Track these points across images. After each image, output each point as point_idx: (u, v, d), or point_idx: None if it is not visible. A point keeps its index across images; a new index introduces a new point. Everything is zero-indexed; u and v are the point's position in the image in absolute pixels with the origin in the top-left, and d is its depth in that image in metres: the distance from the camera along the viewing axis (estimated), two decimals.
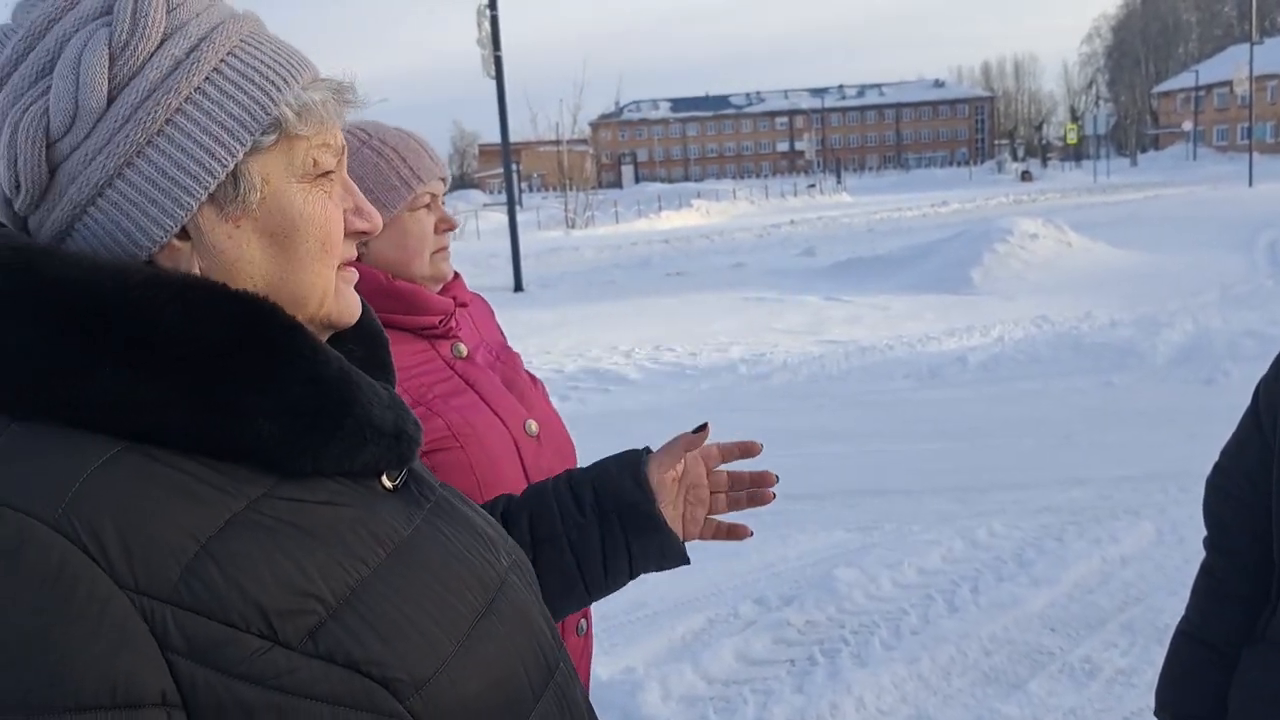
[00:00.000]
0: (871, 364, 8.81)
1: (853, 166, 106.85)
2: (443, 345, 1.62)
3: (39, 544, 0.67)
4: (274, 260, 0.83)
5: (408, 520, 0.87)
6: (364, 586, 0.79)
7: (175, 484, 0.74)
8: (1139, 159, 72.92)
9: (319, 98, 0.84)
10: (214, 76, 0.80)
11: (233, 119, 0.79)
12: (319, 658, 0.74)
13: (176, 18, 0.80)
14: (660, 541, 1.22)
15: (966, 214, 28.83)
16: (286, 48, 0.85)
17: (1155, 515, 4.91)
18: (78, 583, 0.67)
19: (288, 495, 0.79)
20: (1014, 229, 14.57)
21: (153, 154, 0.78)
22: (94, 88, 0.76)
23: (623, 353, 9.90)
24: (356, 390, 0.83)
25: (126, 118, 0.77)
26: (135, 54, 0.77)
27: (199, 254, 0.81)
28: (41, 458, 0.71)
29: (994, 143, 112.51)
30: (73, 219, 0.79)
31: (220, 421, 0.76)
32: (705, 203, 42.70)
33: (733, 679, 3.61)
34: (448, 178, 1.67)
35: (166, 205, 0.78)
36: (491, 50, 18.06)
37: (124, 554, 0.69)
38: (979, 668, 3.62)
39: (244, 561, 0.73)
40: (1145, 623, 3.86)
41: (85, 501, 0.69)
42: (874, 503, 5.38)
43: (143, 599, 0.69)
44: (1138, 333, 9.01)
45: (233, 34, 0.82)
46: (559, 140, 36.25)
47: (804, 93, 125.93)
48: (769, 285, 14.89)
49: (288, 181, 0.83)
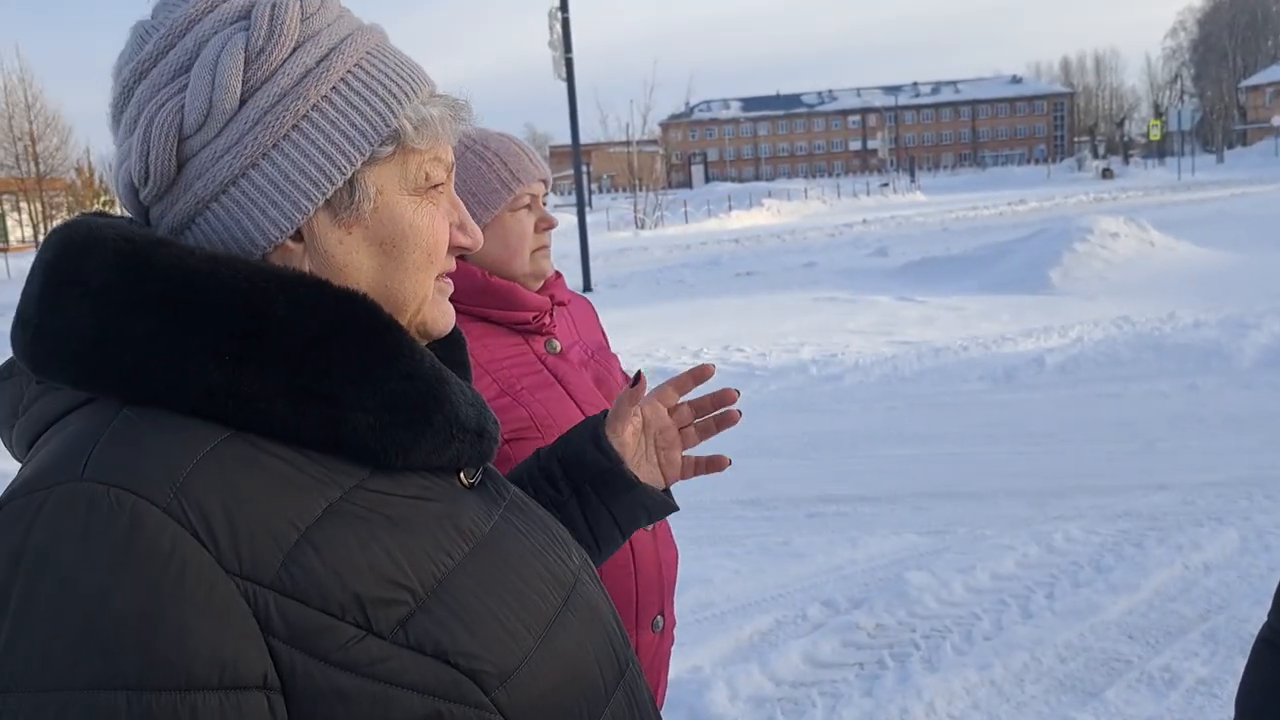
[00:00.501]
0: (945, 365, 8.68)
1: (927, 165, 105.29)
2: (536, 341, 1.69)
3: (152, 526, 0.69)
4: (380, 267, 0.86)
5: (487, 516, 0.89)
6: (450, 579, 0.80)
7: (277, 472, 0.76)
8: (1225, 155, 70.68)
9: (436, 114, 0.87)
10: (340, 86, 0.83)
11: (354, 129, 0.82)
12: (409, 648, 0.76)
13: (310, 26, 0.83)
14: (639, 498, 1.21)
15: (1045, 213, 28.26)
16: (409, 62, 0.88)
17: (1240, 522, 4.76)
18: (188, 565, 0.69)
19: (379, 488, 0.81)
20: (1094, 228, 14.23)
21: (277, 157, 0.81)
22: (228, 89, 0.79)
23: (691, 353, 9.90)
24: (447, 388, 0.86)
25: (256, 120, 0.80)
26: (270, 59, 0.80)
27: (310, 256, 0.83)
28: (153, 442, 0.73)
29: (1073, 140, 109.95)
30: (195, 213, 0.82)
31: (320, 413, 0.78)
32: (776, 202, 42.48)
33: (800, 681, 3.59)
34: (548, 179, 1.72)
35: (285, 207, 0.81)
36: (563, 53, 18.19)
37: (231, 539, 0.71)
38: (1053, 675, 3.55)
39: (341, 550, 0.75)
40: (1228, 632, 3.75)
41: (195, 486, 0.71)
42: (946, 506, 5.30)
43: (247, 584, 0.71)
44: (1223, 334, 8.73)
45: (360, 46, 0.85)
46: (629, 141, 36.40)
47: (877, 90, 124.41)
48: (840, 285, 14.76)
49: (400, 193, 0.86)
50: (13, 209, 42.43)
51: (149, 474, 0.71)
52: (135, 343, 0.75)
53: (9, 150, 36.96)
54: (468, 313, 1.61)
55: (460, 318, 1.57)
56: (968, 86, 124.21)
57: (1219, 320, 9.34)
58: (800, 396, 8.07)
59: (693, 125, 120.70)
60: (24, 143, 36.83)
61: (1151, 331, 9.23)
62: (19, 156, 36.89)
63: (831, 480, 5.80)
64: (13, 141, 36.83)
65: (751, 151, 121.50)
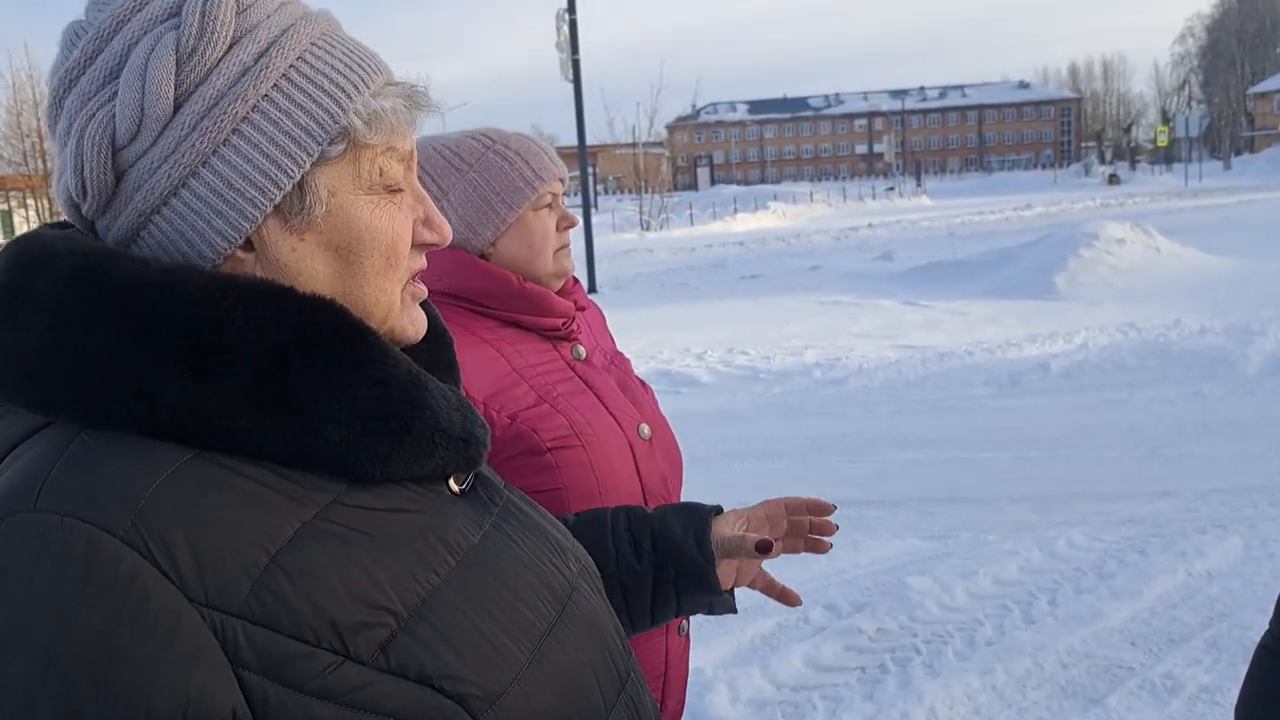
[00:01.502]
0: (950, 370, 8.67)
1: (933, 169, 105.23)
2: (564, 347, 1.67)
3: (108, 557, 0.65)
4: (338, 274, 0.81)
5: (477, 526, 0.85)
6: (435, 596, 0.77)
7: (245, 492, 0.72)
8: (1233, 162, 70.54)
9: (389, 105, 0.81)
10: (282, 83, 0.77)
11: (300, 128, 0.77)
12: (391, 672, 0.72)
13: (246, 20, 0.77)
14: (711, 599, 1.23)
15: (1051, 218, 28.21)
16: (359, 50, 0.82)
17: (1244, 530, 4.75)
18: (148, 597, 0.65)
19: (357, 503, 0.77)
20: (1100, 233, 14.20)
21: (218, 164, 0.76)
22: (160, 94, 0.74)
23: (695, 355, 9.89)
24: (425, 393, 0.81)
25: (193, 126, 0.75)
26: (202, 59, 0.75)
27: (262, 266, 0.79)
28: (109, 467, 0.69)
29: (1080, 145, 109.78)
30: (138, 227, 0.77)
31: (288, 426, 0.74)
32: (781, 205, 42.48)
33: (802, 684, 3.59)
34: (566, 178, 1.71)
35: (231, 216, 0.76)
36: (570, 54, 18.20)
37: (194, 567, 0.67)
38: (1055, 681, 3.54)
39: (315, 573, 0.71)
40: (1231, 640, 3.74)
41: (154, 513, 0.68)
42: (949, 511, 5.29)
43: (213, 613, 0.67)
44: (1229, 341, 8.71)
45: (304, 37, 0.79)
46: (635, 143, 36.38)
47: (884, 94, 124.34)
48: (845, 289, 14.75)
49: (354, 193, 0.81)
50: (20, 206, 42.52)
51: (105, 501, 0.67)
52: (92, 361, 0.71)
53: (17, 148, 37.06)
54: (499, 318, 1.60)
55: (492, 323, 1.60)
56: (975, 91, 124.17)
57: (1225, 327, 9.32)
58: (804, 400, 8.07)
59: (699, 127, 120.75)
60: (31, 140, 36.91)
61: (1157, 338, 9.21)
62: (26, 154, 36.97)
63: (835, 484, 5.79)
64: (21, 139, 36.92)
65: (757, 154, 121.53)
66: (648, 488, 1.62)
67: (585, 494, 1.53)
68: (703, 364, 9.45)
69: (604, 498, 1.54)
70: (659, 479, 1.64)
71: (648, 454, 1.64)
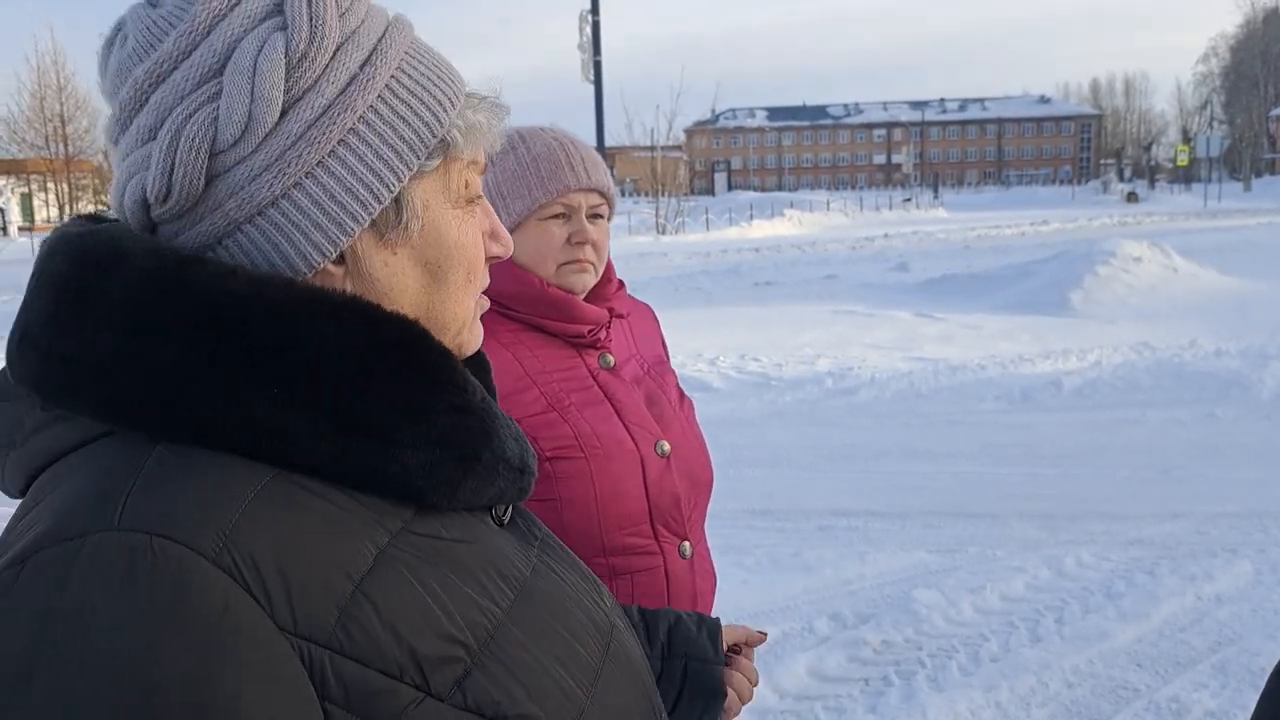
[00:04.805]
0: (962, 383, 8.64)
1: (951, 182, 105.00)
2: (590, 355, 1.62)
3: (201, 581, 0.61)
4: (425, 289, 0.78)
5: (524, 558, 0.82)
6: (500, 631, 0.73)
7: (325, 516, 0.68)
8: (1253, 184, 70.13)
9: (483, 119, 0.79)
10: (385, 94, 0.74)
11: (403, 142, 0.74)
12: (468, 710, 0.69)
13: (347, 24, 0.74)
14: (709, 707, 1.24)
15: (1068, 234, 28.10)
16: (444, 61, 0.80)
17: (1254, 554, 4.72)
18: (240, 625, 0.62)
19: (425, 530, 0.74)
20: (1117, 251, 14.14)
21: (322, 175, 0.72)
22: (269, 99, 0.70)
23: (707, 360, 9.88)
24: (495, 421, 0.79)
25: (299, 135, 0.71)
26: (313, 65, 0.72)
27: (352, 280, 0.76)
28: (195, 485, 0.65)
29: (1100, 162, 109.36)
30: (222, 234, 0.72)
31: (369, 450, 0.70)
32: (798, 213, 42.40)
33: (805, 694, 3.58)
34: (602, 188, 1.62)
35: (330, 230, 0.73)
36: (591, 55, 18.22)
37: (284, 593, 0.63)
38: (1060, 700, 3.52)
39: (395, 603, 0.68)
40: (1239, 665, 3.71)
41: (245, 535, 0.64)
42: (958, 525, 5.27)
43: (302, 643, 0.64)
44: (1244, 364, 8.66)
45: (400, 45, 0.76)
46: (653, 146, 36.38)
47: (904, 105, 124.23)
48: (860, 299, 14.71)
49: (444, 207, 0.79)
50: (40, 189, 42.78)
51: (194, 522, 0.63)
52: (166, 372, 0.67)
53: (39, 131, 37.33)
54: (524, 321, 1.57)
55: (515, 326, 1.58)
56: (995, 104, 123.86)
57: (1240, 350, 9.27)
58: (815, 409, 8.05)
59: (717, 133, 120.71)
60: (54, 124, 37.16)
61: (1172, 358, 9.16)
62: (49, 137, 37.23)
63: (843, 494, 5.78)
64: (43, 122, 37.18)
65: (775, 161, 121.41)
66: (655, 507, 1.58)
67: (582, 507, 1.50)
68: (715, 369, 9.44)
69: (602, 513, 1.52)
70: (670, 499, 1.60)
71: (662, 472, 1.59)
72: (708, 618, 1.29)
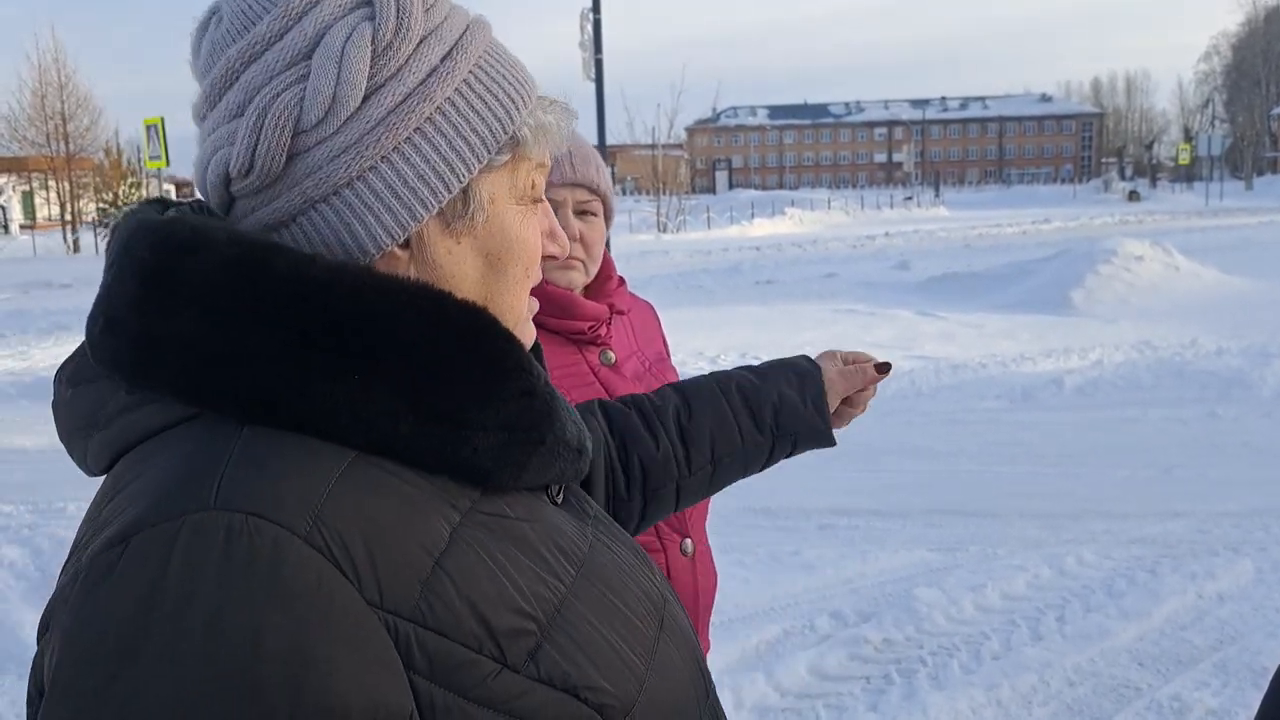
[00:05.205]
0: (963, 382, 8.64)
1: (952, 180, 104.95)
2: (591, 352, 1.62)
3: (296, 559, 0.64)
4: (484, 280, 0.81)
5: (582, 535, 0.85)
6: (565, 606, 0.76)
7: (403, 496, 0.71)
8: (1254, 183, 70.06)
9: (553, 120, 0.83)
10: (463, 87, 0.78)
11: (475, 135, 0.78)
12: (541, 681, 0.72)
13: (432, 19, 0.78)
14: (820, 445, 1.33)
15: (1069, 233, 28.09)
16: (518, 61, 0.83)
17: (1256, 553, 4.72)
18: (333, 599, 0.65)
19: (491, 510, 0.77)
20: (1119, 250, 14.13)
21: (397, 160, 0.75)
22: (354, 83, 0.74)
23: (709, 358, 9.88)
24: (558, 404, 0.82)
25: (380, 120, 0.75)
26: (397, 54, 0.75)
27: (416, 265, 0.78)
28: (284, 466, 0.68)
29: (1101, 161, 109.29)
30: (297, 212, 0.76)
31: (443, 434, 0.73)
32: (799, 211, 42.39)
33: (805, 692, 3.58)
34: (591, 184, 1.62)
35: (401, 214, 0.76)
36: (592, 53, 18.21)
37: (370, 569, 0.67)
38: (1061, 698, 3.52)
39: (471, 579, 0.71)
40: (1240, 664, 3.71)
41: (333, 514, 0.67)
42: (959, 524, 5.27)
43: (388, 616, 0.67)
44: (1246, 362, 8.65)
45: (480, 42, 0.80)
46: (655, 144, 36.36)
47: (904, 103, 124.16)
48: (860, 297, 14.71)
49: (508, 202, 0.82)
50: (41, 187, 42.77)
51: (286, 501, 0.66)
52: (252, 357, 0.70)
53: (40, 129, 37.28)
54: None
55: None
56: (996, 103, 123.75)
57: (1242, 348, 9.26)
58: None
59: (718, 131, 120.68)
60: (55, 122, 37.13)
61: (1173, 357, 9.16)
62: (50, 135, 37.19)
63: (845, 493, 5.78)
64: (44, 120, 37.14)
65: (776, 160, 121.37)
66: None
67: None
68: (716, 367, 9.42)
69: None
70: None
71: None
72: (808, 381, 1.31)
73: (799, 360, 1.34)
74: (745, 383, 1.30)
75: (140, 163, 30.90)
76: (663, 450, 1.22)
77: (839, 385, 1.33)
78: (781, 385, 1.29)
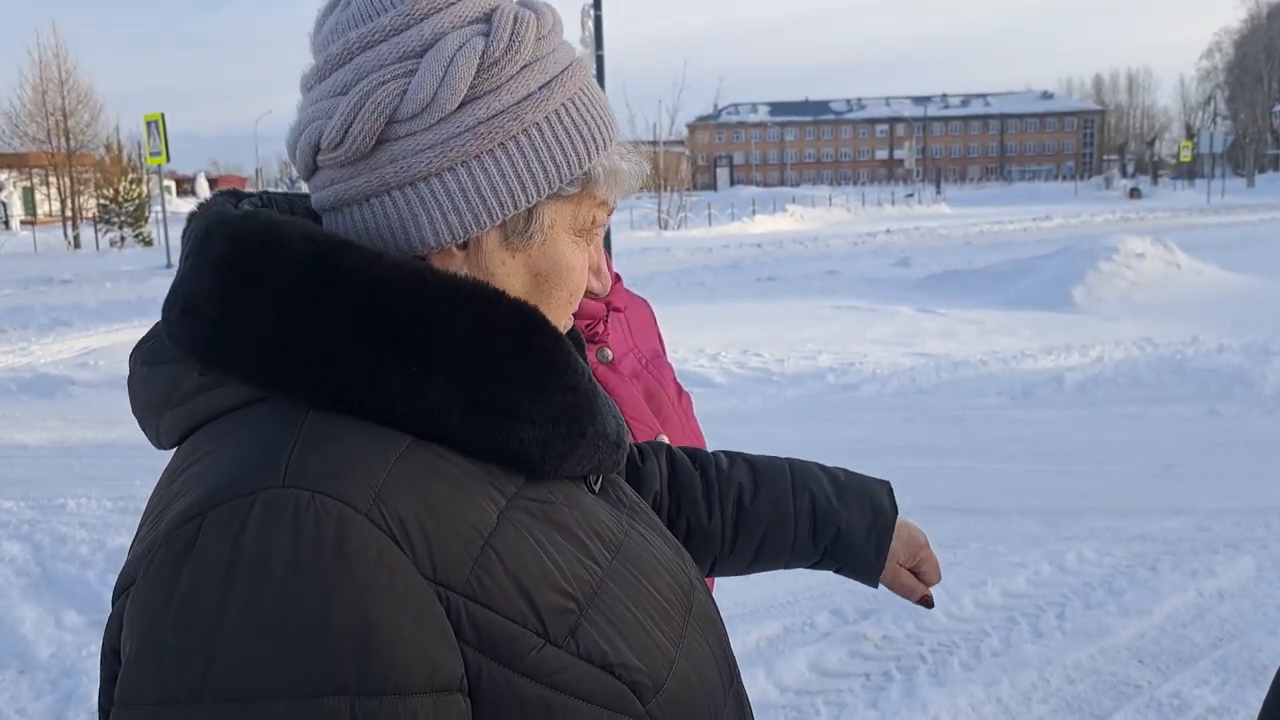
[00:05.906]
0: (963, 379, 8.64)
1: (953, 177, 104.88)
2: (588, 349, 1.58)
3: (358, 533, 0.69)
4: (528, 297, 0.86)
5: (618, 524, 0.90)
6: (601, 588, 0.81)
7: (454, 480, 0.77)
8: (1256, 180, 70.05)
9: (628, 168, 0.89)
10: (551, 116, 0.83)
11: (552, 163, 0.83)
12: (580, 657, 0.77)
13: (541, 48, 0.84)
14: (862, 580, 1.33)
15: (1070, 230, 28.09)
16: (608, 106, 0.89)
17: (1256, 550, 4.72)
18: (394, 570, 0.70)
19: (534, 496, 0.82)
20: (1120, 247, 14.13)
21: (475, 168, 0.81)
22: (455, 89, 0.79)
23: (709, 355, 9.88)
24: (599, 399, 0.87)
25: (469, 127, 0.80)
26: (500, 72, 0.81)
27: (470, 266, 0.84)
28: (347, 448, 0.74)
29: (1102, 158, 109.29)
30: (372, 193, 0.81)
31: (493, 425, 0.79)
32: (800, 208, 42.40)
33: (806, 689, 3.58)
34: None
35: (466, 218, 0.82)
36: (594, 50, 18.19)
37: (425, 545, 0.72)
38: (1061, 695, 3.52)
39: (518, 559, 0.76)
40: (1240, 661, 3.71)
41: (391, 492, 0.72)
42: (959, 521, 5.27)
43: (441, 589, 0.72)
44: (1247, 360, 8.65)
45: (577, 80, 0.86)
46: (656, 141, 36.34)
47: (906, 100, 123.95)
48: (861, 294, 14.71)
49: (566, 231, 0.88)
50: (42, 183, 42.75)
51: (349, 479, 0.71)
52: (322, 348, 0.76)
53: (41, 125, 37.23)
54: None
55: None
56: (998, 100, 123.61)
57: (1243, 346, 9.26)
58: (817, 404, 8.05)
59: (720, 128, 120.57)
60: (55, 118, 37.09)
61: (1174, 354, 9.16)
62: (50, 131, 37.15)
63: None
64: (45, 116, 37.10)
65: (777, 156, 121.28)
66: None
67: None
68: (716, 365, 9.44)
69: None
70: None
71: None
72: (880, 519, 1.29)
73: (881, 492, 1.33)
74: (820, 495, 1.29)
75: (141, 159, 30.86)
76: (713, 524, 1.24)
77: (901, 554, 1.33)
78: (854, 514, 1.29)
